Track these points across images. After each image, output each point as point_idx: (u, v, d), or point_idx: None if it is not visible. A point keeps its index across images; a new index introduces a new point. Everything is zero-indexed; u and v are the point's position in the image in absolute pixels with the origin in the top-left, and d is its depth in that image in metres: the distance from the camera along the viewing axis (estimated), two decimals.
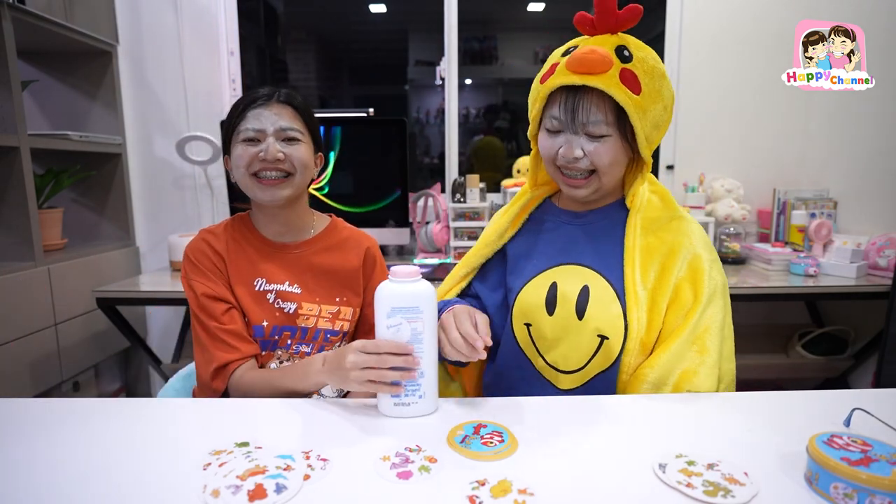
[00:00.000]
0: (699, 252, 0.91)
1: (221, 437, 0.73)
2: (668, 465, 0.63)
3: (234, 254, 1.03)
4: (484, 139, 2.77)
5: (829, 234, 2.02)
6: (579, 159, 0.87)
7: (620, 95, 0.82)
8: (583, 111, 0.84)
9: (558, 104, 0.86)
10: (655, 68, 0.85)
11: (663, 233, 0.92)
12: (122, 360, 2.30)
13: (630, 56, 0.84)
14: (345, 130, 2.11)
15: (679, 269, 0.89)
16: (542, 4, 2.77)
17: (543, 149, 0.92)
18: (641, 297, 0.88)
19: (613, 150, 0.86)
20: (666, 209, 0.95)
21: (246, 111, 0.97)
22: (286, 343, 1.02)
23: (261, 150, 0.96)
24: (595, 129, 0.85)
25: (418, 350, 0.78)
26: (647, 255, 0.90)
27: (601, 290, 0.90)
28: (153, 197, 2.38)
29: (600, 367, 0.89)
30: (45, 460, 0.68)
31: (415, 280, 0.77)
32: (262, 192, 0.98)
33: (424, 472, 0.64)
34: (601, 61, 0.81)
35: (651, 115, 0.85)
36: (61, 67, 2.16)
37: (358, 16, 2.84)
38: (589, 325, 0.88)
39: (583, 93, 0.84)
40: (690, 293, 0.89)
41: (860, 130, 2.15)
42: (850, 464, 0.56)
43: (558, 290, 0.92)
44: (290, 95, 1.01)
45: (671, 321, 0.88)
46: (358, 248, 1.09)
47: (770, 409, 0.81)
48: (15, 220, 1.74)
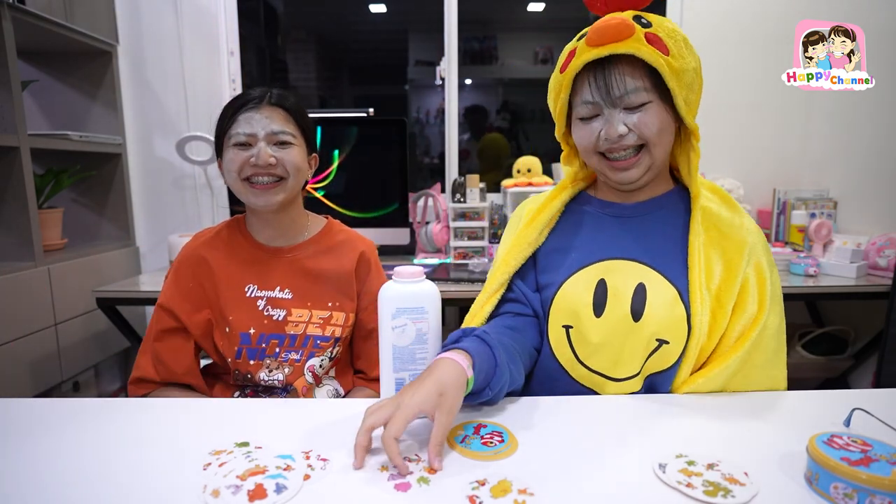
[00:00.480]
0: (760, 253, 0.85)
1: (221, 437, 0.73)
2: (668, 465, 0.63)
3: (226, 260, 1.02)
4: (487, 136, 2.76)
5: (829, 234, 2.01)
6: (624, 136, 0.79)
7: (653, 56, 0.76)
8: (617, 83, 0.77)
9: (588, 85, 0.80)
10: (676, 31, 0.80)
11: (724, 227, 0.84)
12: (122, 360, 2.30)
13: (649, 22, 0.79)
14: (345, 130, 2.11)
15: (744, 270, 0.82)
16: (542, 4, 2.77)
17: (582, 139, 0.84)
18: (707, 300, 0.81)
19: (658, 116, 0.79)
20: (724, 202, 0.88)
21: (237, 115, 0.96)
22: (274, 351, 1.00)
23: (252, 155, 0.95)
24: (635, 97, 0.78)
25: (422, 351, 0.77)
26: (710, 251, 0.83)
27: (660, 288, 0.82)
28: (153, 197, 2.38)
29: (653, 371, 0.84)
30: (45, 460, 0.68)
31: (419, 280, 0.77)
32: (255, 198, 0.97)
33: (423, 484, 0.62)
34: (623, 26, 0.76)
35: (685, 77, 0.78)
36: (61, 67, 2.16)
37: (358, 16, 2.84)
38: (647, 329, 0.81)
39: (611, 64, 0.78)
40: (755, 300, 0.83)
41: (860, 130, 2.15)
42: (850, 464, 0.56)
43: (608, 289, 0.83)
44: (281, 97, 0.99)
45: (734, 328, 0.82)
46: (352, 251, 1.07)
47: (770, 409, 0.81)
48: (15, 220, 1.74)
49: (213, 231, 1.06)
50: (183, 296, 1.00)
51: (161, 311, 1.01)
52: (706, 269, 0.82)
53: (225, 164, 0.98)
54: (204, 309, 1.01)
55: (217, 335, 1.00)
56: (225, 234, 1.05)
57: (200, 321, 1.00)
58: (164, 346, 0.99)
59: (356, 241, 1.10)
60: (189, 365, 1.00)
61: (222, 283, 1.00)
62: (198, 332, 1.00)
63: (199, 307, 1.01)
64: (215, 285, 1.00)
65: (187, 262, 1.02)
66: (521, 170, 2.31)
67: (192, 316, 1.00)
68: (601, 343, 0.84)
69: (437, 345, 0.79)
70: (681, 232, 0.86)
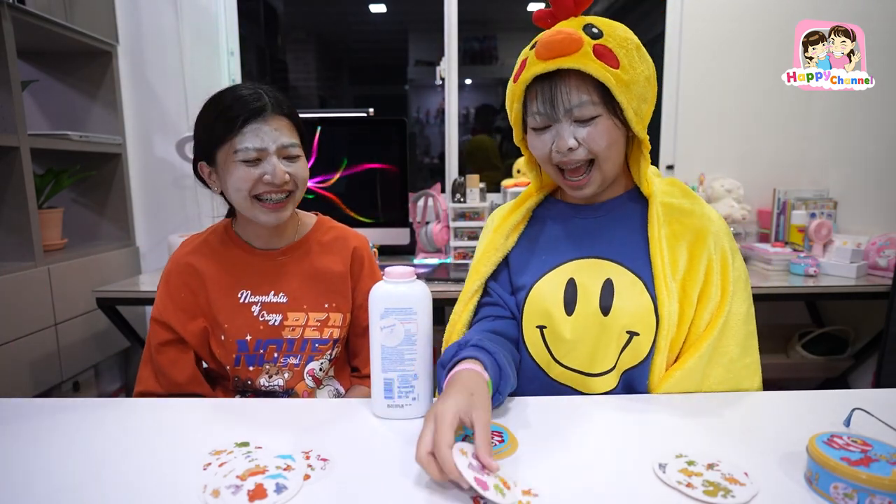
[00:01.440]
0: (722, 240, 0.87)
1: (221, 437, 0.73)
2: (668, 465, 0.63)
3: (216, 267, 1.00)
4: (474, 139, 2.75)
5: (829, 234, 2.02)
6: (574, 149, 0.81)
7: (599, 71, 0.76)
8: (564, 96, 0.79)
9: (537, 97, 0.81)
10: (628, 39, 0.80)
11: (685, 218, 0.87)
12: (123, 360, 2.30)
13: (600, 32, 0.79)
14: (344, 130, 2.11)
15: (706, 257, 0.84)
16: (542, 4, 2.78)
17: (535, 149, 0.86)
18: (673, 289, 0.82)
19: (607, 130, 0.80)
20: (684, 195, 0.90)
21: (244, 126, 0.89)
22: (273, 357, 0.99)
23: (265, 173, 0.90)
24: (582, 111, 0.79)
25: (411, 352, 0.77)
26: (673, 243, 0.85)
27: (627, 281, 0.84)
28: (153, 197, 2.38)
29: (628, 365, 0.85)
30: (45, 460, 0.68)
31: (409, 281, 0.77)
32: (266, 216, 0.93)
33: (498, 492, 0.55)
34: (570, 40, 0.77)
35: (635, 88, 0.79)
36: (61, 67, 2.16)
37: (358, 16, 2.84)
38: (616, 322, 0.83)
39: (559, 77, 0.79)
40: (718, 287, 0.84)
41: (860, 130, 2.15)
42: (850, 464, 0.56)
43: (578, 287, 0.85)
44: (284, 104, 0.94)
45: (701, 316, 0.83)
46: (345, 249, 1.05)
47: (770, 409, 0.81)
48: (15, 220, 1.74)
49: (201, 238, 1.04)
50: (176, 306, 0.99)
51: (156, 325, 0.99)
52: (671, 261, 0.84)
53: (231, 181, 0.91)
54: (198, 317, 0.99)
55: (214, 343, 0.99)
56: (213, 240, 1.02)
57: (196, 330, 0.99)
58: (164, 359, 0.98)
59: (348, 237, 1.07)
60: (191, 374, 0.99)
61: (214, 290, 0.98)
62: (195, 342, 0.99)
63: (193, 315, 0.99)
64: (207, 293, 0.98)
65: (177, 271, 1.00)
66: (522, 170, 2.31)
67: (187, 325, 0.98)
68: (575, 340, 0.85)
69: (426, 346, 0.79)
70: (642, 227, 0.88)
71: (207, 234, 1.04)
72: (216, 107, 0.92)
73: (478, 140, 2.75)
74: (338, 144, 2.10)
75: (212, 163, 0.94)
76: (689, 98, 2.32)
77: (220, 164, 0.93)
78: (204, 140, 0.94)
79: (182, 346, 0.99)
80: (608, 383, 0.86)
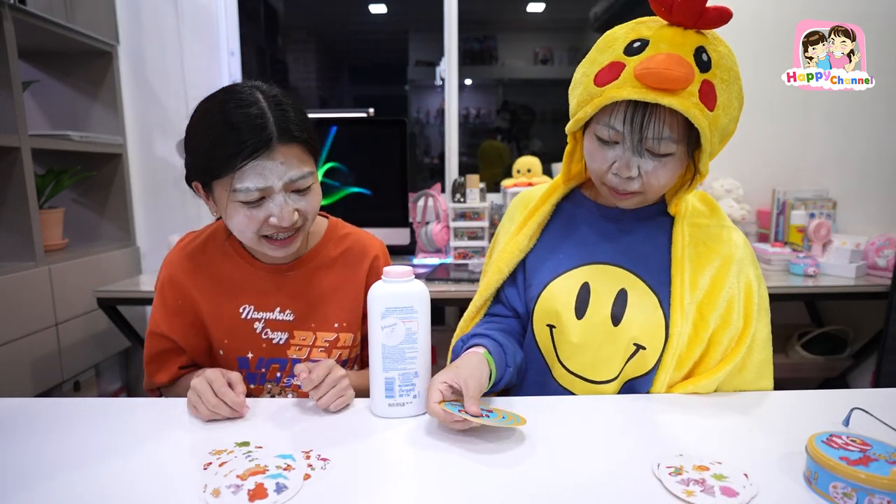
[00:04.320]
0: (748, 267, 0.85)
1: (221, 436, 0.73)
2: (668, 465, 0.63)
3: (214, 280, 0.92)
4: (487, 143, 2.78)
5: (828, 235, 2.02)
6: (633, 179, 0.77)
7: (698, 117, 0.71)
8: (651, 129, 0.72)
9: (621, 115, 0.74)
10: (732, 70, 0.75)
11: (713, 243, 0.85)
12: (123, 360, 2.30)
13: (709, 60, 0.72)
14: (344, 130, 2.11)
15: (731, 286, 0.83)
16: (542, 4, 2.78)
17: (593, 160, 0.80)
18: (689, 311, 0.81)
19: (673, 169, 0.77)
20: (713, 216, 0.88)
21: (244, 165, 0.75)
22: (275, 376, 0.93)
23: (270, 215, 0.79)
24: (662, 147, 0.74)
25: (412, 350, 0.78)
26: (697, 266, 0.83)
27: (641, 295, 0.83)
28: (153, 197, 2.38)
29: (631, 376, 0.85)
30: (45, 460, 0.68)
31: (408, 280, 0.77)
32: (273, 252, 0.85)
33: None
34: (683, 78, 0.69)
35: (720, 127, 0.75)
36: (61, 67, 2.16)
37: (358, 16, 2.84)
38: (625, 333, 0.82)
39: (654, 108, 0.72)
40: (741, 315, 0.83)
41: (860, 130, 2.15)
42: (849, 463, 0.56)
43: (591, 292, 0.84)
44: (294, 125, 0.79)
45: (719, 341, 0.82)
46: (363, 259, 0.96)
47: (770, 409, 0.81)
48: (16, 221, 1.74)
49: (200, 241, 0.95)
50: (174, 315, 0.93)
51: (153, 337, 0.94)
52: (691, 282, 0.83)
53: (233, 224, 0.82)
54: (198, 325, 0.94)
55: (215, 355, 0.96)
56: (213, 247, 0.94)
57: (197, 340, 0.94)
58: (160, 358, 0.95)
59: (366, 245, 0.98)
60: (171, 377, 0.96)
61: (210, 307, 0.92)
62: (196, 354, 0.95)
63: (193, 325, 0.94)
64: (203, 310, 0.92)
65: (170, 284, 0.94)
66: (521, 170, 2.32)
67: (188, 332, 0.94)
68: (580, 344, 0.85)
69: (426, 344, 0.79)
70: (667, 243, 0.87)
71: (206, 238, 0.95)
72: (212, 130, 0.78)
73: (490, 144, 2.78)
74: (338, 145, 2.10)
75: (207, 188, 0.83)
76: None
77: (218, 198, 0.81)
78: (199, 163, 0.81)
79: (178, 354, 0.96)
80: (609, 392, 0.86)
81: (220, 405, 0.76)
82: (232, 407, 0.77)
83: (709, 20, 0.73)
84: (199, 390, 0.77)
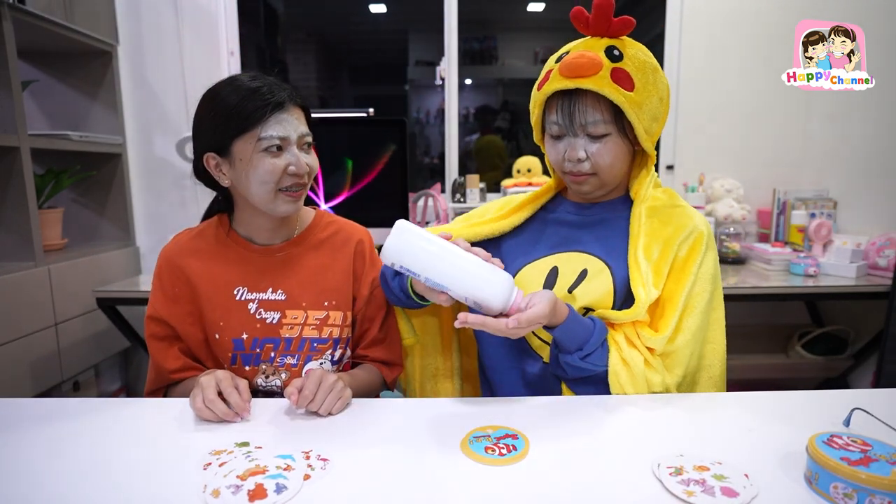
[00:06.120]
0: (702, 230, 0.92)
1: (221, 437, 0.73)
2: (668, 465, 0.63)
3: (209, 264, 0.97)
4: (483, 138, 2.76)
5: (828, 234, 2.02)
6: (583, 161, 0.89)
7: (614, 94, 0.85)
8: (580, 113, 0.87)
9: (556, 109, 0.89)
10: (647, 62, 0.88)
11: (667, 216, 0.94)
12: (123, 360, 2.30)
13: (620, 55, 0.87)
14: (345, 130, 2.11)
15: (680, 243, 0.91)
16: (542, 4, 2.78)
17: (550, 154, 0.95)
18: (645, 270, 0.89)
19: (614, 148, 0.89)
20: (671, 201, 0.96)
21: (270, 116, 0.88)
22: (269, 356, 0.97)
23: (290, 164, 0.90)
24: (594, 129, 0.88)
25: (445, 286, 0.78)
26: (651, 235, 0.92)
27: (598, 272, 0.93)
28: (153, 197, 2.38)
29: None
30: (45, 460, 0.68)
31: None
32: (287, 205, 0.93)
33: None
34: (590, 64, 0.85)
35: (647, 108, 0.87)
36: (61, 67, 2.15)
37: (358, 16, 2.84)
38: (577, 302, 0.91)
39: (578, 95, 0.87)
40: (687, 267, 0.90)
41: (860, 130, 2.15)
42: (849, 464, 0.56)
43: (559, 274, 0.95)
44: (298, 94, 0.94)
45: (673, 298, 0.89)
46: (348, 243, 1.03)
47: (770, 409, 0.81)
48: (15, 220, 1.74)
49: (195, 232, 1.01)
50: (172, 302, 0.97)
51: (152, 321, 0.97)
52: (645, 248, 0.90)
53: (255, 173, 0.89)
54: (195, 313, 0.97)
55: (210, 341, 0.98)
56: (208, 234, 1.00)
57: (193, 330, 0.97)
58: (158, 349, 0.97)
59: (351, 231, 1.05)
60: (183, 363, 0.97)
61: (207, 289, 0.96)
62: (192, 340, 0.97)
63: (189, 310, 0.97)
64: (200, 292, 0.96)
65: (168, 269, 0.98)
66: (521, 170, 2.32)
67: (184, 320, 0.97)
68: None
69: (453, 270, 0.79)
70: (627, 226, 0.96)
71: (203, 227, 1.02)
72: (233, 96, 0.89)
73: (486, 140, 2.76)
74: (338, 145, 2.10)
75: (224, 153, 0.91)
76: (690, 98, 2.32)
77: (237, 156, 0.90)
78: (218, 129, 0.90)
79: (177, 341, 0.98)
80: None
81: (217, 402, 0.78)
82: (233, 407, 0.79)
83: (616, 28, 0.88)
84: (204, 385, 0.81)
